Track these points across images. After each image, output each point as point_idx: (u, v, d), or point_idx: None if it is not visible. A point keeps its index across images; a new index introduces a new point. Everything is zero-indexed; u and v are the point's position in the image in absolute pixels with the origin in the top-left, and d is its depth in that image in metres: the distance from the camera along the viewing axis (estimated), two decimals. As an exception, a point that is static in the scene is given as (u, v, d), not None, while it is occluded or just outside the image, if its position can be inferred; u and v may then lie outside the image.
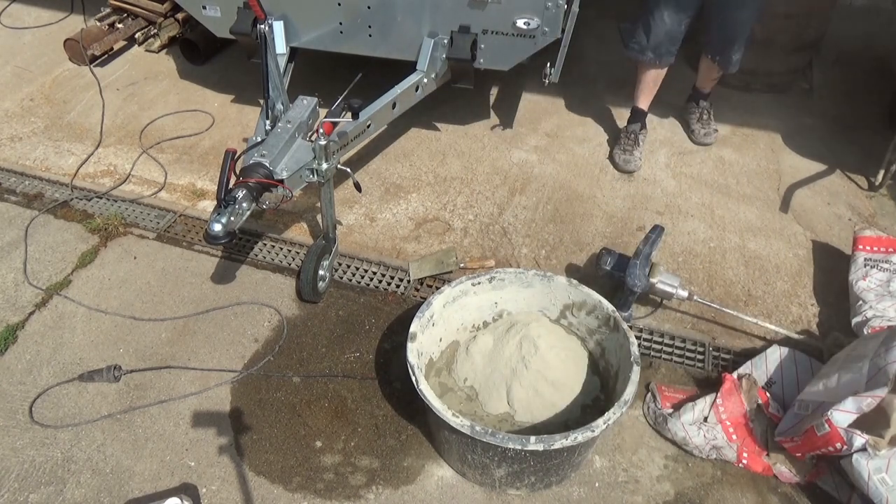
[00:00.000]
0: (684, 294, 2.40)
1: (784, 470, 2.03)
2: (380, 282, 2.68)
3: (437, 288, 2.41)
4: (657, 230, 2.47)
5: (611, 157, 3.29)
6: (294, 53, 3.10)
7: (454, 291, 2.14)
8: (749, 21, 2.90)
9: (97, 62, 3.93)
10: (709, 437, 2.06)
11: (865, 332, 2.29)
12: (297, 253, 2.79)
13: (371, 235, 2.87)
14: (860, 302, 2.41)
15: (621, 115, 3.58)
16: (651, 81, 3.17)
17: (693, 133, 3.42)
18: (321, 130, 2.25)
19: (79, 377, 2.29)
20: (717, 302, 2.51)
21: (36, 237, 2.83)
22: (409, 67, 2.87)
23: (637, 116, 3.27)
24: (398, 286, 2.66)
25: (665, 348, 2.45)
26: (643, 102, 3.26)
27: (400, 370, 2.32)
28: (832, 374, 1.99)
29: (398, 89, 2.73)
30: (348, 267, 2.73)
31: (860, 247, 2.59)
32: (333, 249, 2.60)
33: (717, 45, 3.04)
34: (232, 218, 2.02)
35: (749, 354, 2.35)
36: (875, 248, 2.56)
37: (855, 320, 2.37)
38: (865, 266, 2.52)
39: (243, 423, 2.20)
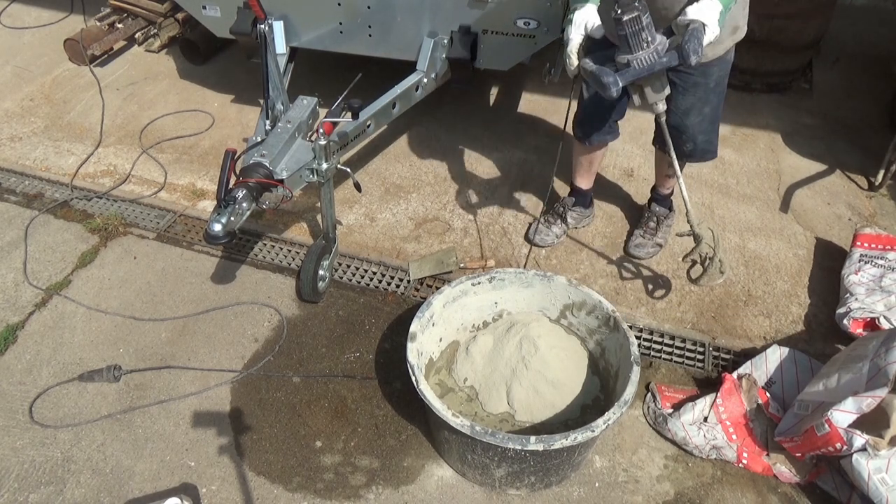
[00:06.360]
0: (662, 108, 2.06)
1: (784, 470, 2.03)
2: (380, 282, 2.68)
3: (437, 288, 2.41)
4: None
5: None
6: (294, 53, 3.10)
7: (454, 291, 2.14)
8: (684, 125, 2.31)
9: (97, 62, 3.93)
10: (709, 437, 2.06)
11: (845, 324, 2.31)
12: (297, 253, 2.79)
13: (371, 235, 2.87)
14: (847, 294, 2.43)
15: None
16: (585, 161, 2.71)
17: (629, 237, 2.82)
18: (321, 130, 2.24)
19: (79, 377, 2.29)
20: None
21: (36, 237, 2.83)
22: (409, 67, 2.87)
23: (572, 191, 2.85)
24: (398, 286, 2.66)
25: (665, 348, 2.45)
26: (579, 180, 2.79)
27: (400, 370, 2.32)
28: (832, 374, 1.99)
29: (398, 89, 2.73)
30: (348, 267, 2.73)
31: (858, 243, 2.61)
32: (333, 249, 2.60)
33: (660, 136, 2.38)
34: (232, 218, 2.02)
35: (749, 354, 2.35)
36: (872, 245, 2.58)
37: (838, 311, 2.39)
38: (860, 261, 2.53)
39: (243, 423, 2.20)
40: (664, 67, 1.84)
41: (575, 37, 1.96)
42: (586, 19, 1.96)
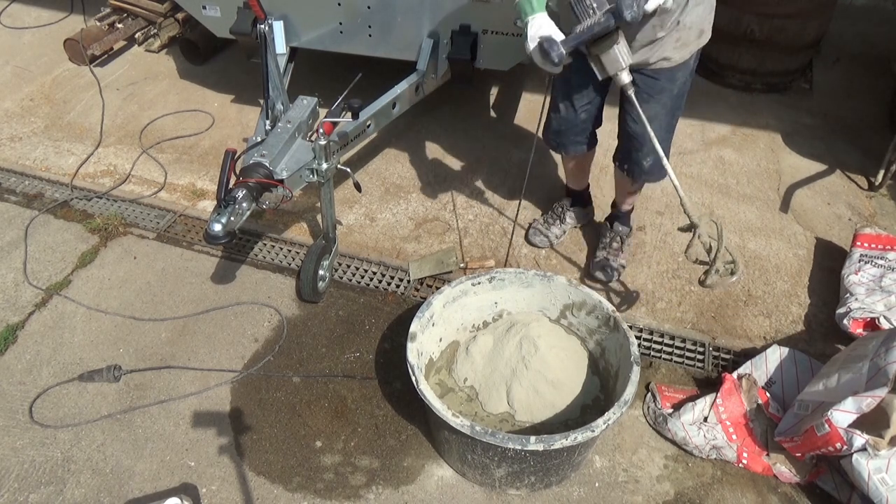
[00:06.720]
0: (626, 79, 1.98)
1: (784, 470, 2.03)
2: (380, 282, 2.68)
3: (437, 288, 2.41)
4: None
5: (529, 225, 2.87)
6: (294, 53, 3.10)
7: (454, 291, 2.14)
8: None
9: (97, 62, 3.93)
10: (709, 437, 2.06)
11: (845, 324, 2.32)
12: (297, 253, 2.79)
13: (371, 235, 2.87)
14: (847, 294, 2.44)
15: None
16: (573, 167, 2.71)
17: (592, 258, 2.70)
18: (321, 130, 2.24)
19: (79, 377, 2.29)
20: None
21: (36, 237, 2.83)
22: (409, 67, 2.87)
23: (568, 192, 2.86)
24: (398, 286, 2.66)
25: (665, 348, 2.45)
26: (571, 183, 2.82)
27: (400, 370, 2.32)
28: (832, 374, 1.99)
29: (398, 89, 2.74)
30: (348, 267, 2.73)
31: (858, 243, 2.61)
32: (333, 249, 2.60)
33: (621, 151, 2.43)
34: (232, 218, 2.02)
35: (749, 354, 2.35)
36: (872, 245, 2.58)
37: (838, 311, 2.39)
38: (860, 261, 2.53)
39: (243, 423, 2.20)
40: (603, 28, 1.80)
41: (538, 52, 1.87)
42: (539, 31, 1.87)
